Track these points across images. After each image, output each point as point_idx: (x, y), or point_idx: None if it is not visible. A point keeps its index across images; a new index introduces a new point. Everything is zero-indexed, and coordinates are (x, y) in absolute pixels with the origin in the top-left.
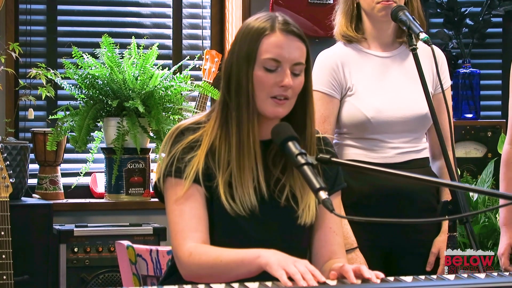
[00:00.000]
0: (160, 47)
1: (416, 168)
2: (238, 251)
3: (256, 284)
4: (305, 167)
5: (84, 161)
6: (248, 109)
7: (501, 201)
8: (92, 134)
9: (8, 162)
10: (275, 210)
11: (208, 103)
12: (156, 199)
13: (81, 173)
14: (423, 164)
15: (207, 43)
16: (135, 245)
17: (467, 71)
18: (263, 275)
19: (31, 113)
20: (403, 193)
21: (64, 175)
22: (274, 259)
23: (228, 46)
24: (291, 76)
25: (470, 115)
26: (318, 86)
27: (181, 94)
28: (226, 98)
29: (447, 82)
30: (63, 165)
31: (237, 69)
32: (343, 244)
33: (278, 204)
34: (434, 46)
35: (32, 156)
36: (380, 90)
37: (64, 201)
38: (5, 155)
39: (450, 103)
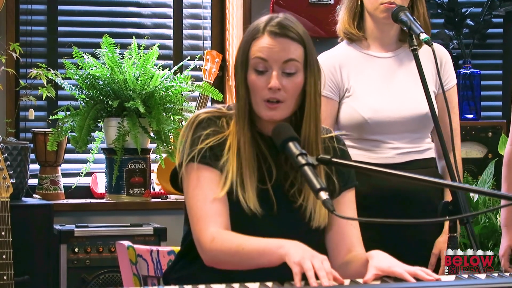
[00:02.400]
0: (161, 47)
1: (418, 169)
2: (261, 240)
3: (257, 284)
4: (306, 168)
5: (84, 161)
6: (243, 113)
7: (502, 202)
8: (92, 134)
9: (8, 163)
10: (287, 208)
11: (209, 104)
12: (157, 200)
13: (82, 173)
14: (427, 164)
15: (207, 43)
16: (135, 246)
17: (468, 71)
18: (283, 269)
19: (31, 114)
20: (404, 193)
21: (64, 175)
22: (294, 251)
23: (228, 47)
24: (282, 76)
25: (470, 116)
26: None
27: (182, 94)
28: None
29: (452, 80)
30: (63, 166)
31: (236, 74)
32: (360, 236)
33: (291, 203)
34: (436, 45)
35: (32, 156)
36: (379, 91)
37: (65, 201)
38: (6, 155)
39: (455, 102)
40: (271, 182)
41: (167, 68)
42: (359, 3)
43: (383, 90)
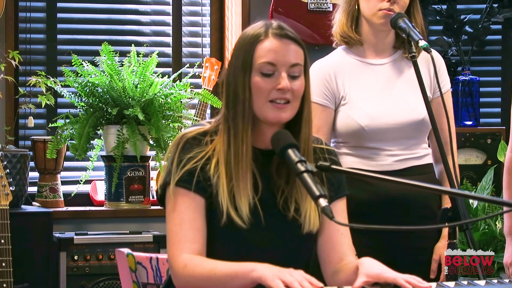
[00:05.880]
0: (160, 55)
1: (416, 175)
2: (232, 264)
3: None
4: (305, 175)
5: (84, 169)
6: (244, 117)
7: (504, 208)
8: (92, 142)
9: (8, 170)
10: (278, 220)
11: (208, 111)
12: (157, 207)
13: (81, 181)
14: (425, 170)
15: (206, 51)
16: (135, 253)
17: (467, 78)
18: None
19: (31, 121)
20: (403, 200)
21: (64, 183)
22: (269, 272)
23: (227, 54)
24: (289, 78)
25: (469, 122)
26: (311, 97)
27: (181, 101)
28: (225, 110)
29: (446, 85)
30: (63, 173)
31: (235, 79)
32: (352, 245)
33: (282, 214)
34: (433, 51)
35: (32, 164)
36: (374, 98)
37: (64, 209)
38: (5, 163)
39: (450, 106)
40: (258, 196)
41: (166, 76)
42: (356, 8)
43: (379, 97)
